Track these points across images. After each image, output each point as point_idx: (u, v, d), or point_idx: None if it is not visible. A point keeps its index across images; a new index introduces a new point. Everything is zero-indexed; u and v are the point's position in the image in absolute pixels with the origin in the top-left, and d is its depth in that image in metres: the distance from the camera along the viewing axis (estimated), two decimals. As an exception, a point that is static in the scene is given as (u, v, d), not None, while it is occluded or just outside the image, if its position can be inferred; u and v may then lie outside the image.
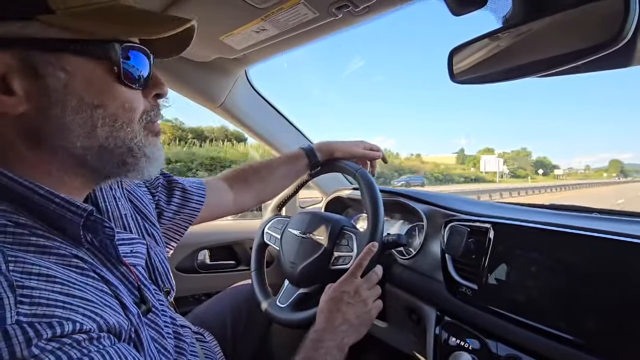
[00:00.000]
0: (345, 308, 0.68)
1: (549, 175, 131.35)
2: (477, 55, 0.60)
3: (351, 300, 0.69)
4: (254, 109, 1.24)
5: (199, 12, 0.75)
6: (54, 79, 0.37)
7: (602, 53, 0.42)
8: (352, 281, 0.71)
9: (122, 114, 0.41)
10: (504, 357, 0.64)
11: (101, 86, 0.40)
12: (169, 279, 0.60)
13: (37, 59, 0.36)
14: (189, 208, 0.75)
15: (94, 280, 0.38)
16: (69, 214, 0.39)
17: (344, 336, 0.65)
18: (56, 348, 0.29)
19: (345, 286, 0.70)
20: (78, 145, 0.39)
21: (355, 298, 0.69)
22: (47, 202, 0.38)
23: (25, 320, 0.29)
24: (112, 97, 0.40)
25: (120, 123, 0.41)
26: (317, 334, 0.64)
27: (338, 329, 0.66)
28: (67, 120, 0.38)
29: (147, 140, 0.45)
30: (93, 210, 0.40)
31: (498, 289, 0.68)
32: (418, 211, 0.94)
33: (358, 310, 0.69)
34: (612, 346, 0.53)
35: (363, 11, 0.70)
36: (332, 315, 0.67)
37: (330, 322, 0.66)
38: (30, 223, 0.37)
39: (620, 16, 0.40)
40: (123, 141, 0.42)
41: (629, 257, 0.55)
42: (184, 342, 0.56)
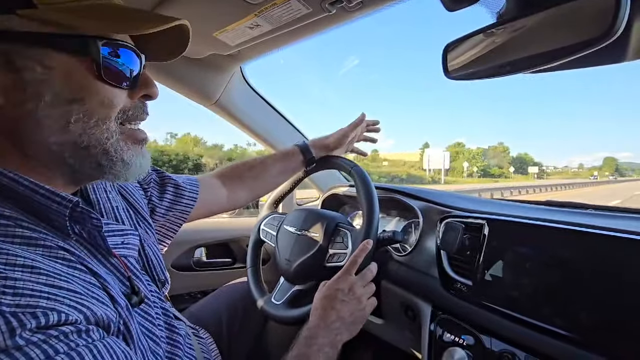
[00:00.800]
0: (339, 305, 0.68)
1: (527, 175, 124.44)
2: (472, 51, 0.60)
3: (345, 297, 0.69)
4: (249, 106, 1.24)
5: (192, 8, 0.74)
6: (31, 73, 0.37)
7: (594, 48, 0.42)
8: (346, 278, 0.71)
9: (98, 111, 0.40)
10: (498, 352, 0.64)
11: (80, 82, 0.39)
12: (162, 271, 0.60)
13: (15, 53, 0.36)
14: (182, 204, 0.75)
15: (80, 272, 0.38)
16: (55, 205, 0.38)
17: (337, 333, 0.65)
18: (42, 340, 0.29)
19: (339, 284, 0.70)
20: (52, 141, 0.39)
21: (350, 295, 0.69)
22: (32, 194, 0.38)
23: (8, 310, 0.28)
24: (90, 93, 0.40)
25: (95, 120, 0.40)
26: (310, 331, 0.64)
27: (331, 326, 0.65)
28: (40, 115, 0.38)
29: (125, 145, 0.44)
30: (79, 202, 0.40)
31: (492, 285, 0.68)
32: (414, 208, 0.94)
33: (352, 308, 0.69)
34: (605, 341, 0.53)
35: (356, 7, 0.70)
36: (326, 313, 0.67)
37: (323, 320, 0.66)
38: (16, 215, 0.37)
39: (611, 11, 0.39)
40: (98, 140, 0.41)
41: (623, 252, 0.55)
42: (178, 334, 0.56)
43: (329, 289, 0.70)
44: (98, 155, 0.42)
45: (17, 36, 0.36)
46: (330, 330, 0.65)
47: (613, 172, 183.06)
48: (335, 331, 0.65)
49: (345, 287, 0.70)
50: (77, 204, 0.40)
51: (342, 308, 0.68)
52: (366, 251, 0.74)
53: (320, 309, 0.68)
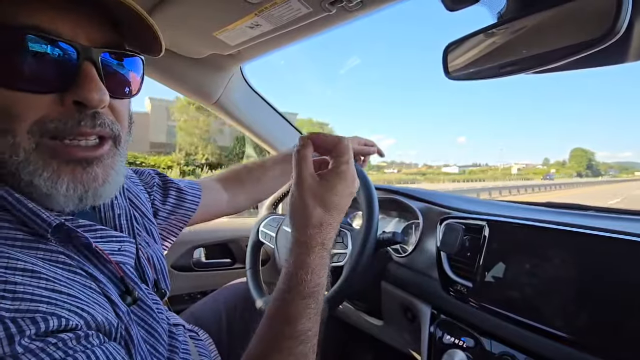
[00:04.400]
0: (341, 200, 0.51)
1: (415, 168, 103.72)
2: (472, 52, 0.60)
3: (350, 192, 0.52)
4: (249, 106, 1.24)
5: (193, 7, 0.74)
6: None
7: (595, 49, 0.42)
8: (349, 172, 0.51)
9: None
10: (498, 354, 0.64)
11: None
12: (165, 278, 0.60)
13: None
14: (184, 208, 0.75)
15: (81, 277, 0.37)
16: (36, 227, 0.36)
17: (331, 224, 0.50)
18: (40, 348, 0.29)
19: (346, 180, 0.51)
20: None
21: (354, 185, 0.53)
22: (16, 210, 0.36)
23: (7, 315, 0.28)
24: None
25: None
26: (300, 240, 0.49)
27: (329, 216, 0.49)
28: None
29: (46, 167, 0.36)
30: (62, 224, 0.37)
31: (493, 286, 0.68)
32: (414, 209, 0.94)
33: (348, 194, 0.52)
34: (605, 343, 0.52)
35: (357, 6, 0.70)
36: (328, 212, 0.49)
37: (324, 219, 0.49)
38: (16, 220, 0.36)
39: (613, 12, 0.39)
40: (3, 160, 0.35)
41: (623, 254, 0.55)
42: (176, 340, 0.55)
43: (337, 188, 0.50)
44: (9, 178, 0.35)
45: None
46: (327, 262, 0.51)
47: (584, 169, 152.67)
48: (330, 259, 0.52)
49: (352, 180, 0.52)
50: (59, 227, 0.37)
51: (342, 215, 0.52)
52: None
53: (312, 231, 0.49)
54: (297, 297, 0.46)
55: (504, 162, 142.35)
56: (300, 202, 0.49)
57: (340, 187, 0.49)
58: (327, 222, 0.49)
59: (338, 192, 0.49)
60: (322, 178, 0.50)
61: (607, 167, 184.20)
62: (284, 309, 0.46)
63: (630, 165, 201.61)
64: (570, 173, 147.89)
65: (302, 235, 0.49)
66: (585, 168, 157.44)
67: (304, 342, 0.44)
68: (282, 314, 0.46)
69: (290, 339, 0.44)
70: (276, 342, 0.44)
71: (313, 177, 0.50)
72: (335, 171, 0.50)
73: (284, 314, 0.46)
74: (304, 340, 0.44)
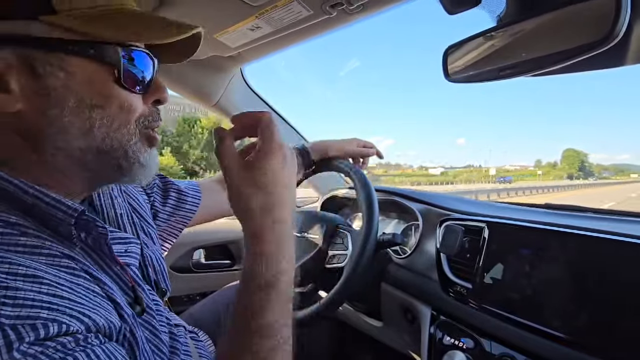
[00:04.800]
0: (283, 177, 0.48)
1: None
2: (472, 54, 0.60)
3: (284, 163, 0.48)
4: (249, 108, 1.24)
5: (193, 9, 0.75)
6: (53, 79, 0.37)
7: (594, 52, 0.42)
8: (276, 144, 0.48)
9: (119, 116, 0.41)
10: (498, 355, 0.64)
11: (100, 87, 0.39)
12: (165, 279, 0.60)
13: (37, 59, 0.36)
14: (184, 210, 0.75)
15: (85, 281, 0.37)
16: (60, 214, 0.38)
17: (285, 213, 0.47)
18: (39, 352, 0.28)
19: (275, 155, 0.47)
20: (76, 146, 0.39)
21: (288, 156, 0.49)
22: (37, 201, 0.37)
23: (7, 322, 0.28)
24: (110, 98, 0.40)
25: (117, 124, 0.41)
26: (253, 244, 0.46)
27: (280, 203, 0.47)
28: (65, 121, 0.38)
29: (143, 147, 0.44)
30: (84, 211, 0.40)
31: (492, 288, 0.68)
32: (413, 210, 0.95)
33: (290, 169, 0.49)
34: (603, 344, 0.53)
35: (357, 9, 0.70)
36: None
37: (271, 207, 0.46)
38: (22, 222, 0.36)
39: (612, 15, 0.40)
40: (120, 143, 0.41)
41: (621, 256, 0.56)
42: (177, 341, 0.55)
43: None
44: (120, 159, 0.42)
45: (39, 42, 0.36)
46: (285, 243, 0.47)
47: (576, 171, 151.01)
48: (290, 238, 0.48)
49: (282, 151, 0.48)
50: (83, 212, 0.39)
51: (291, 189, 0.49)
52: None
53: (257, 217, 0.46)
54: (255, 289, 0.44)
55: (494, 164, 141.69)
56: (234, 193, 0.47)
57: (270, 164, 0.46)
58: (269, 203, 0.46)
59: (269, 169, 0.46)
60: (249, 162, 0.47)
61: (601, 169, 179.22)
62: (246, 304, 0.44)
63: (626, 167, 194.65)
64: (560, 175, 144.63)
65: (247, 226, 0.47)
66: (578, 170, 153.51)
67: (270, 335, 0.43)
68: (244, 310, 0.44)
69: (254, 334, 0.42)
70: (242, 340, 0.43)
71: (239, 165, 0.47)
72: (260, 150, 0.47)
73: (245, 310, 0.44)
74: (270, 334, 0.43)
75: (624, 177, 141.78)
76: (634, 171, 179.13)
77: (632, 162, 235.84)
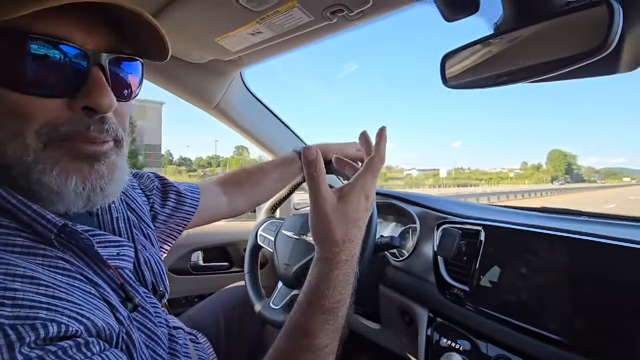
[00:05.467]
0: (359, 215, 0.52)
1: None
2: (469, 61, 0.61)
3: (366, 208, 0.53)
4: (248, 111, 1.24)
5: (195, 14, 0.75)
6: None
7: (588, 60, 0.44)
8: (373, 176, 0.53)
9: (8, 123, 0.34)
10: (494, 357, 0.65)
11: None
12: (163, 281, 0.60)
13: None
14: (183, 211, 0.75)
15: (80, 283, 0.37)
16: (40, 227, 0.37)
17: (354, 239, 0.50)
18: (39, 357, 0.28)
19: (366, 187, 0.52)
20: None
21: (370, 202, 0.53)
22: (21, 212, 0.36)
23: (7, 322, 0.28)
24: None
25: (5, 134, 0.35)
26: (327, 268, 0.49)
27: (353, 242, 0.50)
28: None
29: (55, 166, 0.37)
30: (66, 224, 0.38)
31: (489, 290, 0.69)
32: (411, 213, 0.95)
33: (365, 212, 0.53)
34: (598, 346, 0.54)
35: (357, 16, 0.71)
36: (349, 232, 0.50)
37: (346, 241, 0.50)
38: (15, 225, 0.36)
39: (605, 26, 0.41)
40: (11, 159, 0.35)
41: (615, 259, 0.57)
42: (176, 343, 0.55)
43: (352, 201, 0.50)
44: (19, 179, 0.36)
45: None
46: (350, 279, 0.51)
47: (562, 174, 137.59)
48: (353, 277, 0.52)
49: (366, 196, 0.52)
50: (65, 226, 0.38)
51: (363, 232, 0.53)
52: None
53: (334, 247, 0.49)
54: (317, 311, 0.47)
55: (482, 167, 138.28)
56: (322, 219, 0.49)
57: (360, 202, 0.51)
58: (349, 237, 0.50)
59: (358, 207, 0.50)
60: (340, 193, 0.51)
61: (592, 172, 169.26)
62: (303, 322, 0.47)
63: (619, 170, 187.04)
64: (544, 178, 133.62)
65: (326, 251, 0.49)
66: (564, 172, 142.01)
67: (320, 357, 0.45)
68: (301, 327, 0.47)
69: (306, 353, 0.45)
70: (293, 355, 0.45)
71: (332, 195, 0.50)
72: (354, 186, 0.51)
73: (302, 327, 0.47)
74: (319, 355, 0.45)
75: (616, 181, 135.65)
76: (627, 175, 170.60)
77: (626, 166, 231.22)
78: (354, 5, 0.68)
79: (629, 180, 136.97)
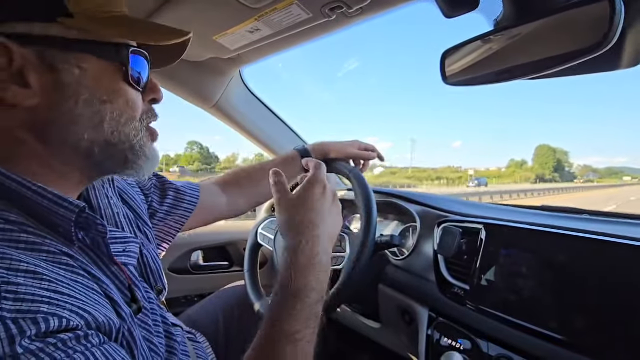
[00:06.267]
0: (319, 216, 0.57)
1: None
2: (469, 57, 0.61)
3: (324, 200, 0.59)
4: (248, 109, 1.24)
5: (193, 11, 0.75)
6: (69, 75, 0.40)
7: (589, 56, 0.43)
8: (317, 179, 0.61)
9: (126, 111, 0.44)
10: (495, 356, 0.64)
11: (110, 84, 0.43)
12: (160, 277, 0.60)
13: (54, 56, 0.39)
14: (182, 209, 0.75)
15: (83, 278, 0.38)
16: (62, 210, 0.39)
17: (321, 266, 0.53)
18: (39, 349, 0.29)
19: (313, 187, 0.59)
20: (85, 138, 0.42)
21: (327, 196, 0.60)
22: (39, 198, 0.38)
23: (8, 316, 0.28)
24: (118, 94, 0.43)
25: (125, 119, 0.44)
26: (286, 282, 0.51)
27: (315, 257, 0.53)
28: (76, 113, 0.40)
29: (147, 142, 0.48)
30: (85, 207, 0.40)
31: (489, 289, 0.69)
32: (411, 212, 0.95)
33: (334, 213, 0.61)
34: (599, 345, 0.53)
35: (356, 12, 0.71)
36: (306, 234, 0.55)
37: (303, 248, 0.53)
38: (21, 220, 0.37)
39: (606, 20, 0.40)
40: (127, 136, 0.44)
41: (616, 257, 0.56)
42: (174, 341, 0.55)
43: (299, 200, 0.58)
44: (125, 151, 0.45)
45: (57, 41, 0.39)
46: (315, 263, 0.53)
47: (549, 172, 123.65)
48: (321, 263, 0.53)
49: (320, 188, 0.59)
50: (84, 209, 0.40)
51: (324, 218, 0.58)
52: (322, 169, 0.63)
53: (294, 233, 0.55)
54: (283, 297, 0.50)
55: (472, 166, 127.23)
56: (282, 210, 0.59)
57: (310, 193, 0.59)
58: (308, 220, 0.56)
59: (308, 197, 0.59)
60: (297, 191, 0.60)
61: (588, 170, 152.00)
62: (272, 308, 0.50)
63: (620, 170, 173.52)
64: (528, 177, 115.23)
65: (288, 239, 0.56)
66: (552, 170, 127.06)
67: (291, 342, 0.47)
68: (270, 313, 0.50)
69: (278, 340, 0.47)
70: (266, 343, 0.47)
71: (287, 193, 0.61)
72: (305, 183, 0.61)
73: (271, 313, 0.50)
74: (291, 341, 0.47)
75: (615, 180, 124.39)
76: (628, 174, 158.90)
77: (628, 165, 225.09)
78: (353, 1, 0.67)
79: (629, 179, 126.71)
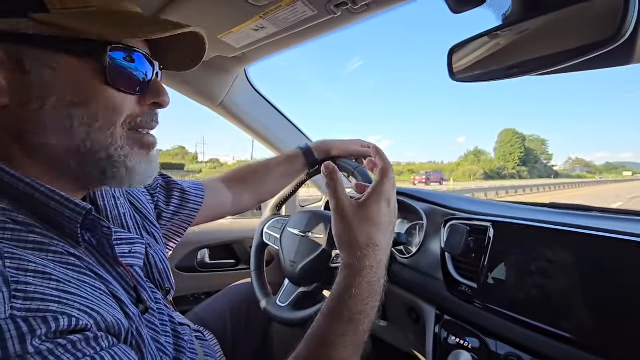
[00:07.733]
0: (383, 219, 0.55)
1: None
2: (477, 53, 0.60)
3: (387, 212, 0.56)
4: (253, 108, 1.24)
5: (198, 10, 0.75)
6: (38, 75, 0.37)
7: (601, 50, 0.42)
8: (389, 182, 0.58)
9: (102, 115, 0.40)
10: (503, 355, 0.64)
11: (85, 85, 0.39)
12: (168, 278, 0.60)
13: (24, 54, 0.37)
14: (188, 209, 0.75)
15: (90, 278, 0.38)
16: (68, 212, 0.39)
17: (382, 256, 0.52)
18: (48, 350, 0.29)
19: (384, 192, 0.56)
20: (57, 144, 0.39)
21: (391, 207, 0.57)
22: (47, 200, 0.38)
23: (19, 314, 0.28)
24: (95, 96, 0.39)
25: (99, 124, 0.40)
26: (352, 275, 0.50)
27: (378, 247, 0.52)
28: (44, 116, 0.38)
29: (131, 151, 0.43)
30: (92, 209, 0.40)
31: (497, 287, 0.68)
32: (418, 209, 0.94)
33: (391, 216, 0.57)
34: (609, 344, 0.53)
35: (361, 9, 0.70)
36: (372, 236, 0.52)
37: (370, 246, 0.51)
38: (28, 221, 0.37)
39: (619, 13, 0.39)
40: (101, 145, 0.40)
41: (626, 254, 0.55)
42: (182, 339, 0.56)
43: (373, 204, 0.54)
44: (102, 161, 0.41)
45: (28, 38, 0.37)
46: (374, 291, 0.52)
47: (514, 165, 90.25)
48: (379, 291, 0.53)
49: (386, 202, 0.56)
50: (90, 211, 0.40)
51: (386, 236, 0.55)
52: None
53: (359, 255, 0.51)
54: (337, 321, 0.47)
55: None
56: (344, 222, 0.53)
57: (381, 207, 0.54)
58: (373, 241, 0.52)
59: (379, 211, 0.54)
60: (361, 199, 0.55)
61: (576, 164, 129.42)
62: (322, 330, 0.47)
63: (621, 164, 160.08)
64: (474, 171, 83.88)
65: (349, 256, 0.51)
66: (518, 163, 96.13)
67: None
68: (320, 335, 0.47)
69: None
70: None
71: (350, 202, 0.55)
72: (373, 192, 0.55)
73: (321, 335, 0.47)
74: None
75: (612, 175, 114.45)
76: (629, 169, 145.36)
77: (633, 160, 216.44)
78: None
79: (629, 174, 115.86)
